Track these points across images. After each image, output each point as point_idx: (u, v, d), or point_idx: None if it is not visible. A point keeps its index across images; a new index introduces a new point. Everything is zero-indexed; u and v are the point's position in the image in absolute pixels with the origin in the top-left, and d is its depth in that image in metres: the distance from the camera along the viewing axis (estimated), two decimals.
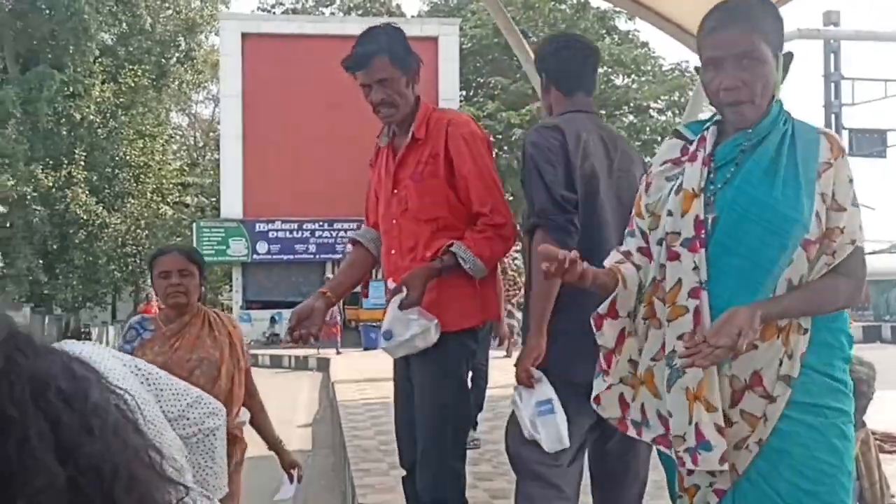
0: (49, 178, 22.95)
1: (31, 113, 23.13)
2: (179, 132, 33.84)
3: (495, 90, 26.74)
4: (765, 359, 1.87)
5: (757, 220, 1.89)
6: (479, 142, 2.73)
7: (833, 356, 1.90)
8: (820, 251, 1.87)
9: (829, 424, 1.87)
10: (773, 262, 1.87)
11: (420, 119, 2.73)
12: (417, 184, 2.71)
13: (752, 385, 1.88)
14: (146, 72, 25.85)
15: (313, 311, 2.72)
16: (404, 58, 2.67)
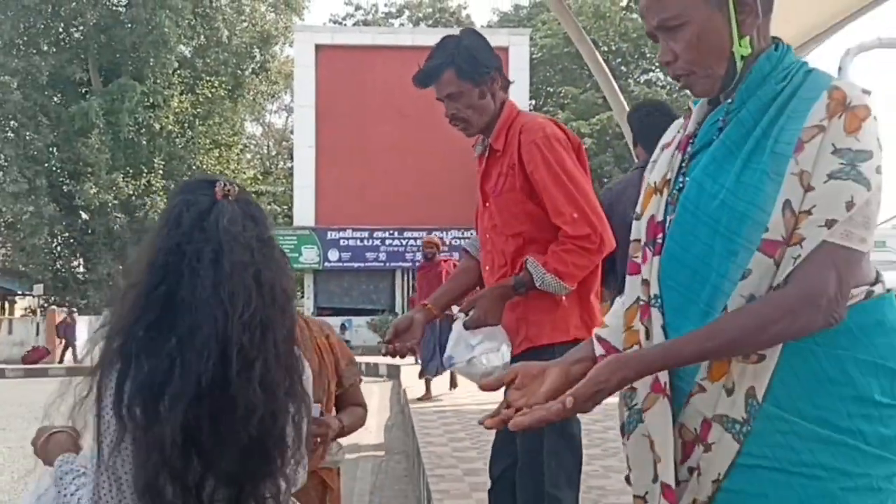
0: (129, 186, 23.71)
1: (112, 123, 23.94)
2: (253, 141, 34.60)
3: (565, 100, 26.65)
4: (709, 396, 1.43)
5: (706, 220, 1.47)
6: (558, 145, 2.52)
7: (831, 395, 1.37)
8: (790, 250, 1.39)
9: (819, 490, 1.35)
10: (720, 274, 1.43)
11: (499, 129, 2.59)
12: (497, 198, 2.59)
13: (702, 437, 1.44)
14: (222, 83, 26.53)
15: (413, 323, 2.54)
16: (473, 69, 2.53)
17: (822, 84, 1.45)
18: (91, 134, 23.34)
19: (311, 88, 22.63)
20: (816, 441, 1.37)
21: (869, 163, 1.38)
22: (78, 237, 25.13)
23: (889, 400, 1.39)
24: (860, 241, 1.38)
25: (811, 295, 1.35)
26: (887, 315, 1.43)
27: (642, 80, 27.80)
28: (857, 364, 1.39)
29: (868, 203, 1.38)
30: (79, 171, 24.19)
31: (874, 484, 1.37)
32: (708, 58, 1.49)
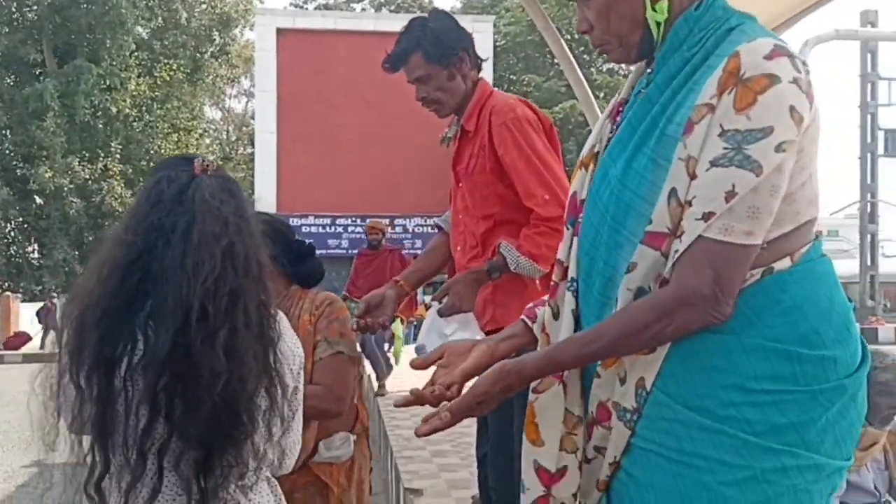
0: (85, 170, 23.32)
1: (68, 106, 23.50)
2: (213, 126, 34.19)
3: (528, 88, 26.75)
4: (603, 382, 1.40)
5: (600, 207, 1.40)
6: (528, 127, 2.49)
7: (713, 383, 1.29)
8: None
9: (695, 481, 1.28)
10: (609, 265, 1.38)
11: (471, 109, 2.58)
12: (468, 179, 2.58)
13: (599, 419, 1.41)
14: (181, 66, 26.17)
15: (384, 299, 2.52)
16: (441, 51, 2.51)
17: (734, 47, 1.30)
18: (46, 116, 22.89)
19: (272, 73, 22.41)
20: (697, 429, 1.29)
21: (762, 143, 1.24)
22: (32, 222, 24.66)
23: (784, 385, 1.28)
24: (744, 234, 1.26)
25: (685, 296, 1.27)
26: (787, 292, 1.31)
27: (605, 68, 28.00)
28: (745, 349, 1.29)
29: (756, 190, 1.25)
30: (33, 155, 23.70)
31: (759, 476, 1.27)
32: (620, 25, 1.41)
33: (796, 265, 1.33)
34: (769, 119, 1.25)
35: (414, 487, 4.14)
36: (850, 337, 1.35)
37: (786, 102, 1.26)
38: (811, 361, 1.29)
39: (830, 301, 1.34)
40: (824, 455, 1.29)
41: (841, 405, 1.32)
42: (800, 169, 1.31)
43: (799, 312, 1.30)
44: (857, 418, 1.36)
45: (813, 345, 1.30)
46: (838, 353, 1.31)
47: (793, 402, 1.28)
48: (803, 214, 1.35)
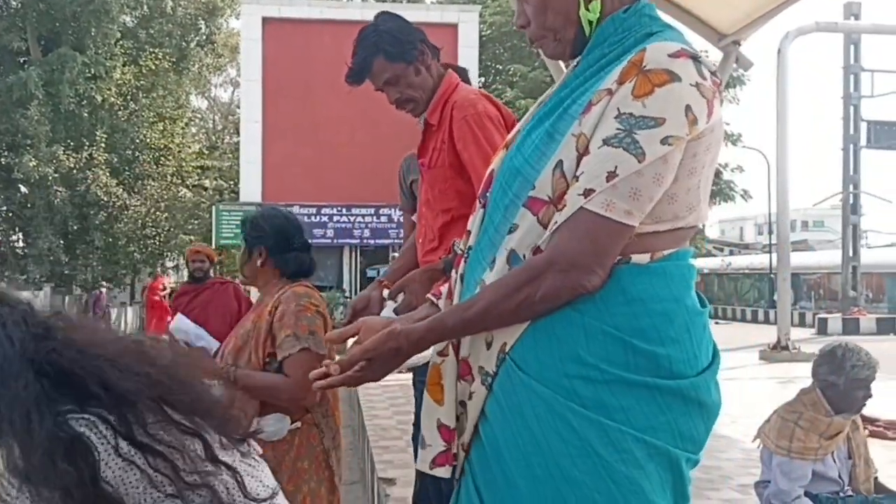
0: (70, 159, 23.16)
1: (52, 94, 23.32)
2: (199, 115, 34.03)
3: (514, 77, 26.74)
4: (472, 342, 1.47)
5: (501, 177, 1.50)
6: (489, 122, 2.49)
7: (553, 353, 1.36)
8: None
9: (533, 444, 1.36)
10: (495, 227, 1.46)
11: (435, 103, 2.58)
12: (429, 172, 2.60)
13: (462, 374, 1.49)
14: (167, 55, 25.98)
15: (370, 301, 2.54)
16: (401, 49, 2.52)
17: (643, 47, 1.38)
18: (30, 105, 22.70)
19: (257, 62, 22.31)
20: (536, 396, 1.36)
21: (652, 131, 1.30)
22: (17, 211, 24.49)
23: (615, 370, 1.34)
24: (624, 213, 1.32)
25: (557, 261, 1.33)
26: (635, 285, 1.37)
27: None
28: (585, 328, 1.35)
29: (640, 174, 1.31)
30: (17, 144, 23.52)
31: (589, 448, 1.33)
32: (556, 21, 1.48)
33: (652, 262, 1.39)
34: (663, 111, 1.32)
35: (388, 477, 4.20)
36: (690, 340, 1.40)
37: (682, 101, 1.33)
38: (643, 354, 1.36)
39: (676, 302, 1.40)
40: (659, 440, 1.36)
41: (684, 410, 1.38)
42: (688, 172, 1.37)
43: (642, 306, 1.37)
44: (704, 421, 1.42)
45: (649, 340, 1.36)
46: (672, 353, 1.37)
47: (625, 388, 1.35)
48: (682, 220, 1.40)
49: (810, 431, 3.47)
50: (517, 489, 1.37)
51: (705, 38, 6.59)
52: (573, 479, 1.33)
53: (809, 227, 56.34)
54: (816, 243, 46.10)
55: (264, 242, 2.73)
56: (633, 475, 1.34)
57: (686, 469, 1.42)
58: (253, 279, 2.77)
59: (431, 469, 1.53)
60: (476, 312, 1.39)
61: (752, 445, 3.79)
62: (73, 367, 1.32)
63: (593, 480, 1.33)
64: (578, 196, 1.33)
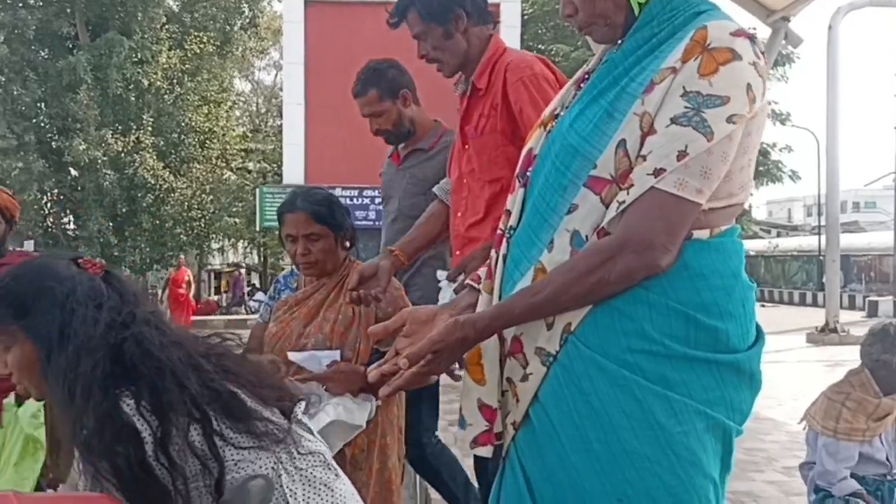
0: (118, 142, 23.54)
1: (101, 79, 23.66)
2: (242, 98, 34.29)
3: (556, 57, 26.48)
4: (531, 328, 1.44)
5: (552, 156, 1.48)
6: (546, 85, 2.41)
7: (615, 329, 1.37)
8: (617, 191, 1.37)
9: (594, 419, 1.36)
10: (551, 207, 1.44)
11: (483, 67, 2.50)
12: (476, 140, 2.50)
13: (512, 351, 1.48)
14: (211, 38, 26.20)
15: (378, 270, 2.42)
16: (434, 9, 2.47)
17: (698, 25, 1.38)
18: (79, 89, 23.09)
19: (299, 45, 22.41)
20: (596, 369, 1.37)
21: (718, 109, 1.30)
22: (68, 193, 24.99)
23: (677, 345, 1.35)
24: (696, 192, 1.32)
25: (631, 241, 1.32)
26: (698, 261, 1.37)
27: None
28: (650, 303, 1.36)
29: (710, 152, 1.31)
30: (67, 127, 23.97)
31: (654, 422, 1.34)
32: (606, 7, 1.48)
33: (712, 238, 1.41)
34: (728, 89, 1.32)
35: None
36: (745, 314, 1.42)
37: (744, 79, 1.34)
38: (705, 329, 1.37)
39: (735, 277, 1.42)
40: (717, 413, 1.37)
41: (737, 383, 1.40)
42: (742, 151, 1.38)
43: (704, 282, 1.37)
44: (752, 394, 1.45)
45: (710, 314, 1.37)
46: (731, 328, 1.39)
47: (686, 363, 1.35)
48: (735, 196, 1.41)
49: (857, 412, 3.42)
50: (573, 467, 1.37)
51: (754, 13, 6.45)
52: (634, 451, 1.35)
53: (861, 208, 55.07)
54: (867, 224, 45.08)
55: (347, 226, 2.69)
56: (694, 447, 1.35)
57: (734, 441, 1.44)
58: (330, 265, 2.65)
59: (472, 448, 1.53)
60: (546, 297, 1.37)
61: (798, 428, 3.75)
62: (136, 363, 1.46)
63: (654, 452, 1.34)
64: (648, 176, 1.33)
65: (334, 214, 2.64)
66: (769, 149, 25.30)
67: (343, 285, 2.60)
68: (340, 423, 2.40)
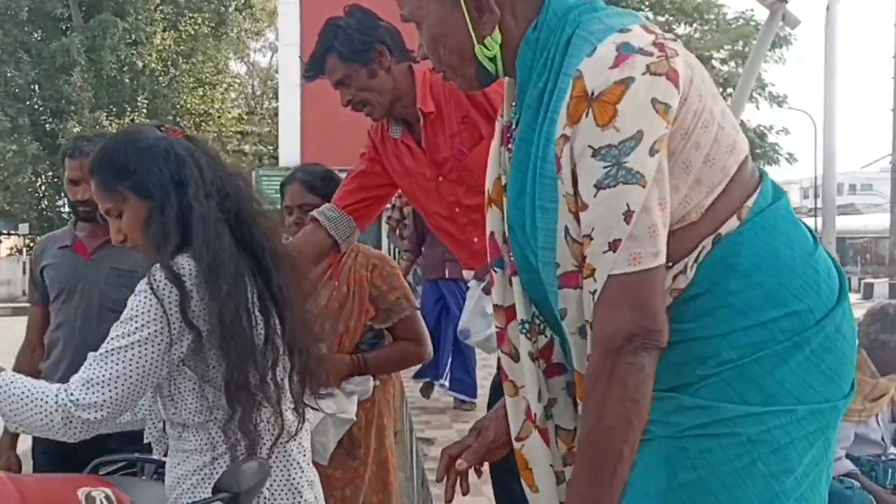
0: (113, 125, 23.45)
1: (94, 61, 23.57)
2: (238, 80, 34.16)
3: None
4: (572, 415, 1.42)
5: (520, 257, 1.37)
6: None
7: (695, 362, 1.28)
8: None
9: (678, 449, 1.27)
10: (551, 313, 1.34)
11: (421, 92, 2.37)
12: (466, 157, 2.35)
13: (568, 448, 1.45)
14: (205, 20, 26.09)
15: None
16: (354, 49, 2.36)
17: (578, 62, 1.21)
18: (73, 71, 22.99)
19: (295, 26, 22.28)
20: (682, 408, 1.27)
21: (637, 149, 1.18)
22: (62, 176, 24.94)
23: (763, 349, 1.25)
24: (652, 256, 1.20)
25: (610, 345, 1.20)
26: (741, 254, 1.27)
27: None
28: (717, 339, 1.25)
29: (649, 209, 1.19)
30: (61, 110, 23.89)
31: (743, 438, 1.24)
32: (451, 59, 1.36)
33: (744, 223, 1.29)
34: (636, 122, 1.18)
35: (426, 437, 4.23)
36: (820, 279, 1.30)
37: (647, 98, 1.19)
38: (785, 318, 1.26)
39: (790, 248, 1.30)
40: (806, 402, 1.26)
41: (822, 340, 1.28)
42: (704, 127, 1.25)
43: (759, 272, 1.27)
44: (848, 348, 1.32)
45: (782, 301, 1.26)
46: (811, 303, 1.28)
47: (773, 356, 1.25)
48: (731, 165, 1.29)
49: None
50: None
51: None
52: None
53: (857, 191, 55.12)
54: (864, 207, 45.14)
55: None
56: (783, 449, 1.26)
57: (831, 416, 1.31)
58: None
59: None
60: (584, 466, 1.24)
61: None
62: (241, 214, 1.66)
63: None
64: (605, 253, 1.20)
65: (329, 187, 2.60)
66: (766, 131, 25.25)
67: (339, 263, 2.61)
68: (334, 418, 2.44)
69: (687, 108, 1.24)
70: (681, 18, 26.78)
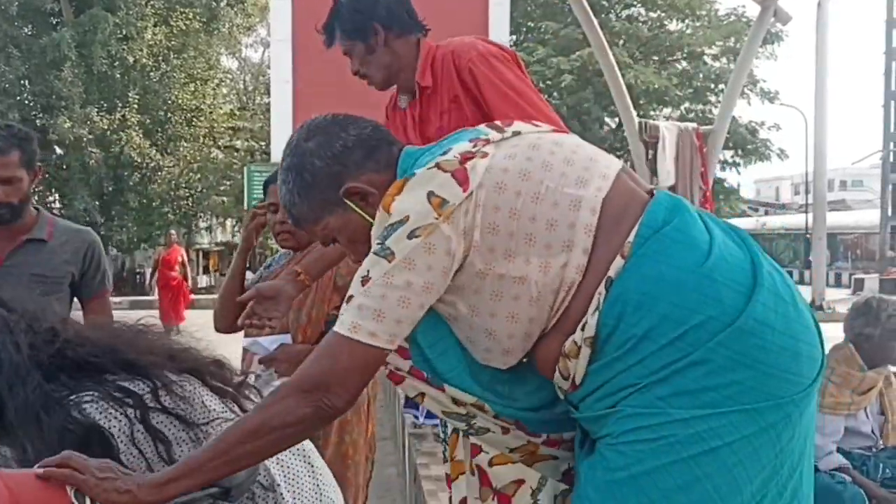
0: (104, 120, 23.36)
1: (85, 56, 23.44)
2: (229, 76, 34.03)
3: (545, 35, 26.37)
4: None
5: None
6: (495, 61, 2.40)
7: (623, 388, 1.42)
8: None
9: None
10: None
11: (423, 67, 2.46)
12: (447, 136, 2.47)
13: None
14: (197, 15, 25.95)
15: (279, 294, 2.23)
16: (354, 26, 2.45)
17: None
18: (63, 66, 22.86)
19: (287, 21, 22.11)
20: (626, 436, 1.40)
21: (398, 231, 1.33)
22: (53, 172, 24.82)
23: (676, 356, 1.35)
24: (369, 335, 1.32)
25: (299, 384, 1.33)
26: (632, 289, 1.38)
27: (623, 14, 27.53)
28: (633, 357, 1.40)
29: (393, 279, 1.31)
30: (52, 105, 23.76)
31: (685, 458, 1.34)
32: (363, 249, 1.48)
33: (629, 258, 1.38)
34: (405, 210, 1.35)
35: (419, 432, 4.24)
36: (719, 286, 1.35)
37: (423, 191, 1.35)
38: (689, 332, 1.33)
39: (677, 268, 1.36)
40: (743, 402, 1.32)
41: (743, 339, 1.33)
42: (535, 200, 1.38)
43: (650, 300, 1.35)
44: (788, 339, 1.36)
45: (680, 320, 1.33)
46: (712, 312, 1.33)
47: (693, 366, 1.33)
48: (583, 219, 1.38)
49: (843, 387, 3.45)
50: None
51: None
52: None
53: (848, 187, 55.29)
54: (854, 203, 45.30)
55: None
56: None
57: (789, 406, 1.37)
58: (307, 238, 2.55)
59: None
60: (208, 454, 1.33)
61: None
62: (89, 357, 1.43)
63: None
64: (344, 305, 1.37)
65: None
66: (757, 127, 25.31)
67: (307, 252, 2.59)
68: None
69: (503, 193, 1.38)
70: (672, 14, 26.79)
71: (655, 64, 25.80)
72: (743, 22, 24.83)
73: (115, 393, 1.40)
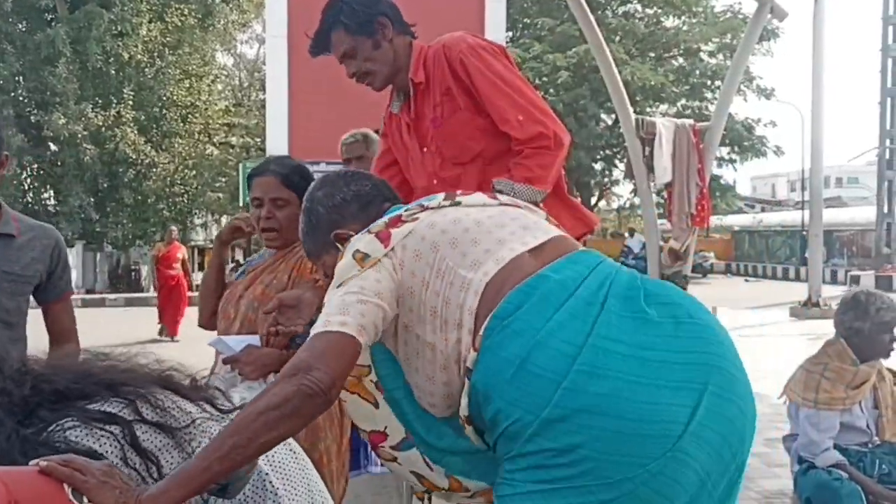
0: (99, 117, 23.30)
1: (80, 52, 23.38)
2: (225, 72, 33.98)
3: (542, 31, 26.37)
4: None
5: None
6: (484, 52, 2.45)
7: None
8: None
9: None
10: None
11: (415, 64, 2.51)
12: (440, 128, 2.49)
13: None
14: (192, 11, 25.89)
15: (300, 303, 2.21)
16: (359, 21, 2.46)
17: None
18: (58, 63, 22.80)
19: (282, 18, 22.08)
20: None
21: (333, 283, 1.59)
22: (48, 168, 24.77)
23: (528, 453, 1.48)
24: (339, 324, 1.49)
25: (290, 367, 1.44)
26: (477, 385, 1.54)
27: (620, 11, 27.54)
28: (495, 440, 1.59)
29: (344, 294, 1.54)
30: (46, 102, 23.69)
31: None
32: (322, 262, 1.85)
33: (480, 352, 1.50)
34: (338, 270, 1.60)
35: None
36: (530, 378, 1.44)
37: (350, 250, 1.60)
38: (513, 425, 1.46)
39: (508, 362, 1.46)
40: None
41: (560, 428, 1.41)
42: (438, 275, 1.55)
43: (491, 391, 1.47)
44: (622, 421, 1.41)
45: (506, 414, 1.45)
46: (526, 406, 1.43)
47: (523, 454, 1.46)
48: (468, 302, 1.52)
49: (836, 382, 3.46)
50: None
51: None
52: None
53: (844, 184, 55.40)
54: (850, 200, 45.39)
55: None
56: None
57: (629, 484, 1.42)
58: (292, 235, 2.55)
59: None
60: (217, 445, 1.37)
61: (780, 401, 3.78)
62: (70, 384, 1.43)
63: None
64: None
65: (304, 182, 2.53)
66: (753, 124, 25.33)
67: (293, 254, 2.58)
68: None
69: (419, 260, 1.57)
70: (669, 11, 26.81)
71: (652, 60, 25.80)
72: (739, 18, 24.87)
73: (97, 415, 1.38)
